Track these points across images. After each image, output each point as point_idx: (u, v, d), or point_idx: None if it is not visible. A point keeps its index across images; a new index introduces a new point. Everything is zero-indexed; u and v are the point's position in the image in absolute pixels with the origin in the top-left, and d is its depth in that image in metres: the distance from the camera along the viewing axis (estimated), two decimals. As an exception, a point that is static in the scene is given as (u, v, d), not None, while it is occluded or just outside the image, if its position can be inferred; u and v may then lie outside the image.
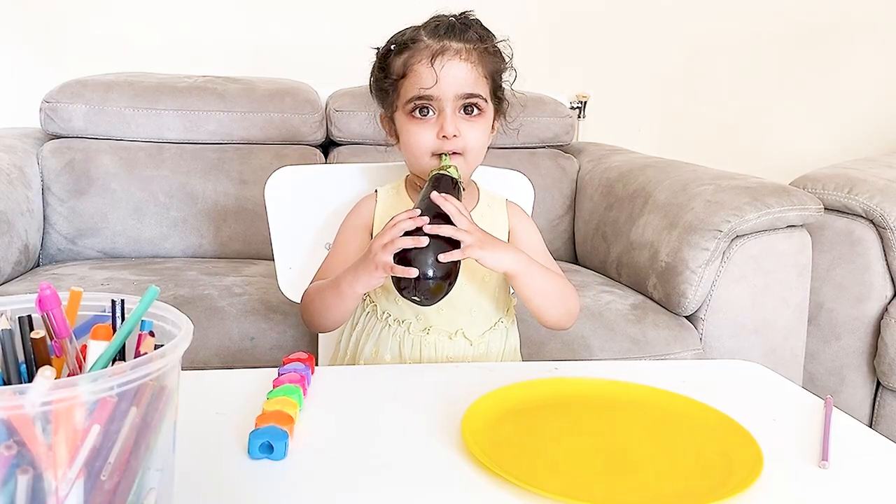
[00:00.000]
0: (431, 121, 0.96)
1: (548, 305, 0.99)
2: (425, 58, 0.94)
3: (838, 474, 0.64)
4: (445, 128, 0.94)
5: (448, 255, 0.85)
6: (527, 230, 1.07)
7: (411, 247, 0.84)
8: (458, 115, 0.95)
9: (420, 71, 0.94)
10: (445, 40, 0.95)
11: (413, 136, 0.97)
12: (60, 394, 0.40)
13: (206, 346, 1.33)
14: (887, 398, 1.68)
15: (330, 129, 1.98)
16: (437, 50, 0.94)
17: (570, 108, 2.32)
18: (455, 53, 0.94)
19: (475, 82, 0.95)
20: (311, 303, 0.99)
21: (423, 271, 0.84)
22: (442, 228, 0.86)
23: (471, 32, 0.97)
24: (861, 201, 1.64)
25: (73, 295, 0.53)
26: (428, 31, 0.96)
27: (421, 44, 0.95)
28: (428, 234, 0.85)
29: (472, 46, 0.96)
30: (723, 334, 1.51)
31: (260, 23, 2.22)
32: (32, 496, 0.40)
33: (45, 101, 1.82)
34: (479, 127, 0.97)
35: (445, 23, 0.96)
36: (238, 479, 0.60)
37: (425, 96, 0.94)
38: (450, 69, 0.94)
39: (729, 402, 0.76)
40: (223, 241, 1.84)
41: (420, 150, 0.97)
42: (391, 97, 1.00)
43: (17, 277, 1.60)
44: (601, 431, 0.71)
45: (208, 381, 0.81)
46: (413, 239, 0.85)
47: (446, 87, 0.94)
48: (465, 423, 0.67)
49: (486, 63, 0.97)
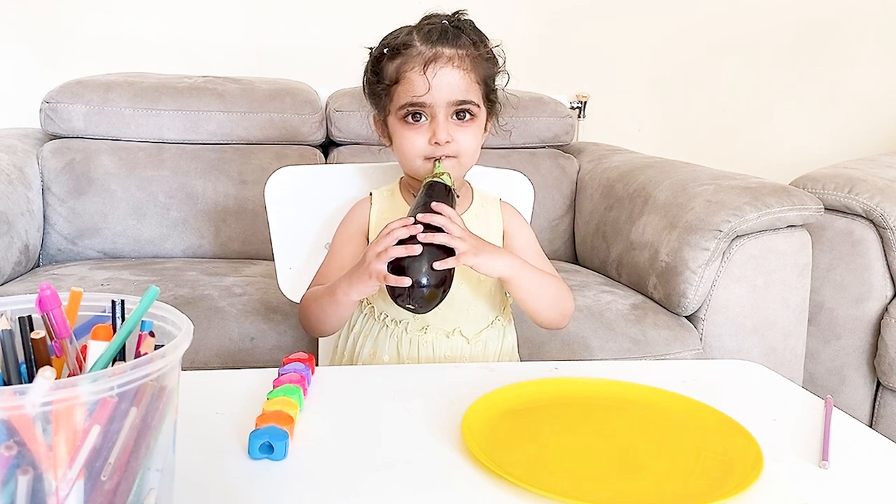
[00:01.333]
0: (424, 126, 0.96)
1: (542, 308, 1.00)
2: (418, 65, 0.94)
3: (838, 474, 0.64)
4: (438, 134, 0.95)
5: (443, 262, 0.85)
6: (521, 229, 1.08)
7: (405, 255, 0.85)
8: (450, 121, 0.96)
9: (412, 79, 0.95)
10: (438, 46, 0.95)
11: (406, 140, 0.97)
12: (60, 394, 0.40)
13: (206, 347, 1.33)
14: (887, 398, 1.68)
15: (330, 129, 1.98)
16: (430, 57, 0.94)
17: (570, 108, 2.32)
18: (448, 61, 0.94)
19: (467, 89, 0.96)
20: (308, 308, 1.00)
21: (416, 279, 0.84)
22: (435, 237, 0.86)
23: (463, 38, 0.97)
24: (861, 201, 1.64)
25: (74, 295, 0.53)
26: (421, 37, 0.96)
27: (413, 50, 0.95)
28: (422, 243, 0.85)
29: (464, 52, 0.96)
30: (723, 334, 1.51)
31: (260, 23, 2.22)
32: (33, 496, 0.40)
33: (45, 102, 1.82)
34: (471, 131, 0.98)
35: (438, 27, 0.96)
36: (238, 479, 0.60)
37: (418, 103, 0.95)
38: (442, 77, 0.94)
39: (729, 402, 0.76)
40: (223, 241, 1.84)
41: (413, 154, 0.98)
42: (384, 101, 1.00)
43: (17, 278, 1.60)
44: (601, 431, 0.71)
45: (208, 382, 0.81)
46: (406, 247, 0.85)
47: (439, 94, 0.94)
48: (465, 422, 0.67)
49: (479, 69, 0.97)
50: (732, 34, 2.48)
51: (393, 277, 0.85)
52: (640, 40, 2.45)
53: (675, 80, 2.50)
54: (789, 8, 2.49)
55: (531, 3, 2.36)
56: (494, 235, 1.05)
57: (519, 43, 1.06)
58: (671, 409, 0.75)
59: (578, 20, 2.39)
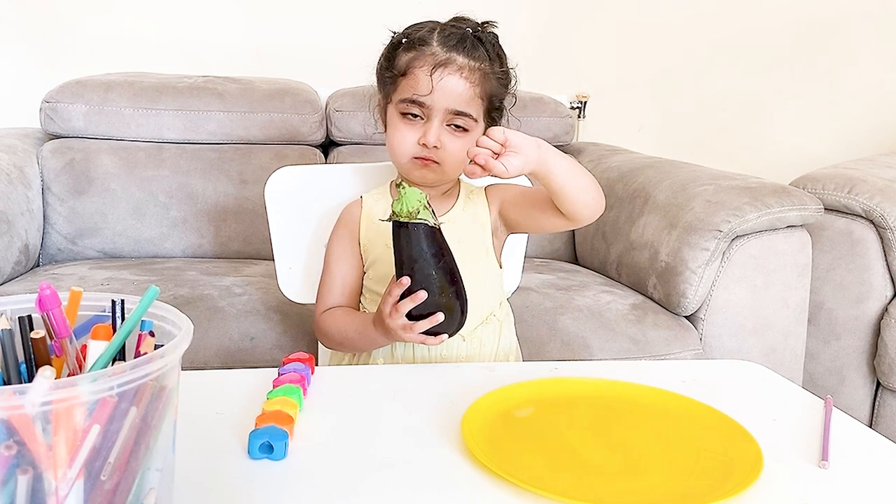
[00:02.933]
0: (418, 125, 0.98)
1: (580, 192, 0.92)
2: (427, 65, 0.95)
3: (838, 474, 0.65)
4: (427, 136, 0.96)
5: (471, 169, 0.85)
6: (506, 189, 1.06)
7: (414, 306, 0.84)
8: (444, 127, 0.97)
9: (419, 76, 0.95)
10: (453, 52, 0.95)
11: (398, 133, 0.99)
12: (60, 394, 0.40)
13: (206, 346, 1.33)
14: (887, 398, 1.68)
15: (330, 129, 1.99)
16: (442, 61, 0.95)
17: (571, 108, 2.33)
18: (457, 69, 0.95)
19: (468, 101, 0.96)
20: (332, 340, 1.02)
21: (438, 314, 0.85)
22: (418, 295, 0.84)
23: (481, 50, 0.97)
24: (861, 201, 1.64)
25: (73, 295, 0.53)
26: (440, 38, 0.96)
27: (428, 49, 0.96)
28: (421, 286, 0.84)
29: (476, 65, 0.96)
30: (723, 334, 1.52)
31: (260, 23, 2.22)
32: (32, 496, 0.40)
33: (45, 102, 1.82)
34: (461, 143, 0.97)
35: (459, 33, 0.96)
36: (238, 479, 0.60)
37: (418, 101, 0.96)
38: (447, 82, 0.95)
39: (729, 402, 0.76)
40: (223, 241, 1.85)
41: (400, 151, 0.99)
42: (389, 88, 1.01)
43: (17, 277, 1.60)
44: (600, 431, 0.71)
45: (208, 381, 0.81)
46: (411, 298, 0.84)
47: (439, 98, 0.95)
48: (465, 423, 0.67)
49: (486, 84, 0.97)
50: (732, 35, 2.49)
51: (424, 338, 0.87)
52: (640, 41, 2.45)
53: (675, 81, 2.50)
54: (789, 9, 2.49)
55: (532, 3, 2.36)
56: (482, 223, 1.05)
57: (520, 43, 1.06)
58: (670, 409, 0.75)
59: (578, 21, 2.40)
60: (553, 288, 1.59)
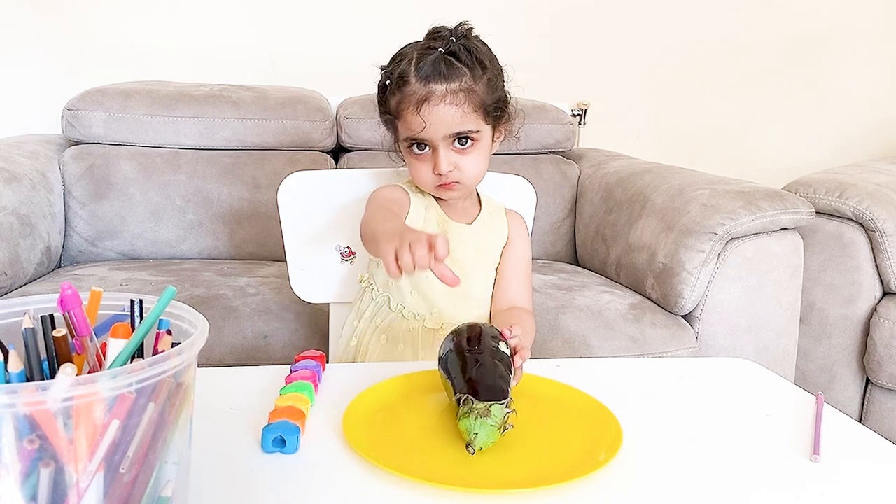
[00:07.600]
0: (428, 156, 0.98)
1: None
2: (412, 104, 0.94)
3: (829, 467, 0.65)
4: (439, 166, 0.96)
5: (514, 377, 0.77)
6: (523, 240, 1.10)
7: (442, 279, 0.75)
8: (451, 149, 0.97)
9: (409, 118, 0.95)
10: (431, 83, 0.93)
11: (414, 169, 1.01)
12: (81, 390, 0.40)
13: (220, 345, 1.34)
14: (876, 394, 1.68)
15: (340, 135, 1.99)
16: (423, 97, 0.93)
17: (571, 115, 2.34)
18: (440, 99, 0.93)
19: (463, 120, 0.95)
20: (365, 228, 0.95)
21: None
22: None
23: (457, 68, 0.94)
24: (851, 205, 1.65)
25: (94, 295, 0.54)
26: (416, 71, 0.94)
27: (409, 88, 0.94)
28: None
29: (457, 86, 0.94)
30: (718, 333, 1.52)
31: (273, 33, 2.23)
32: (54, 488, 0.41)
33: (66, 109, 1.84)
34: (473, 156, 0.98)
35: (432, 58, 0.93)
36: (251, 472, 0.60)
37: (417, 139, 0.97)
38: (437, 114, 0.94)
39: (724, 398, 0.77)
40: (238, 243, 1.86)
41: (423, 183, 1.01)
42: (391, 129, 1.03)
43: (39, 278, 1.62)
44: None
45: (223, 378, 0.81)
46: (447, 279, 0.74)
47: (435, 130, 0.95)
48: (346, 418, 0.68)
49: (473, 98, 0.95)
50: (727, 45, 2.50)
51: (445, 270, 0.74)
52: (639, 51, 2.46)
53: (672, 89, 2.51)
54: (782, 20, 2.50)
55: (533, 15, 2.37)
56: (499, 241, 1.08)
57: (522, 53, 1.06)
58: (540, 394, 0.76)
59: (579, 33, 2.42)
60: (555, 288, 1.61)
